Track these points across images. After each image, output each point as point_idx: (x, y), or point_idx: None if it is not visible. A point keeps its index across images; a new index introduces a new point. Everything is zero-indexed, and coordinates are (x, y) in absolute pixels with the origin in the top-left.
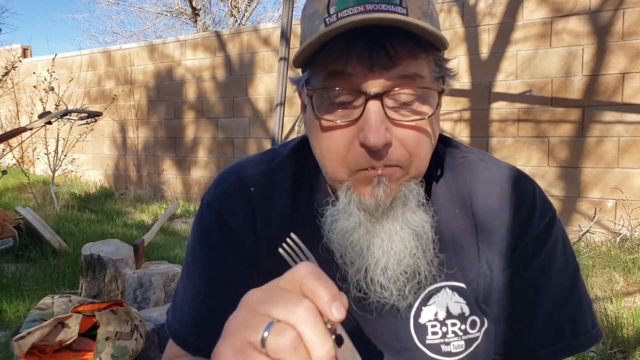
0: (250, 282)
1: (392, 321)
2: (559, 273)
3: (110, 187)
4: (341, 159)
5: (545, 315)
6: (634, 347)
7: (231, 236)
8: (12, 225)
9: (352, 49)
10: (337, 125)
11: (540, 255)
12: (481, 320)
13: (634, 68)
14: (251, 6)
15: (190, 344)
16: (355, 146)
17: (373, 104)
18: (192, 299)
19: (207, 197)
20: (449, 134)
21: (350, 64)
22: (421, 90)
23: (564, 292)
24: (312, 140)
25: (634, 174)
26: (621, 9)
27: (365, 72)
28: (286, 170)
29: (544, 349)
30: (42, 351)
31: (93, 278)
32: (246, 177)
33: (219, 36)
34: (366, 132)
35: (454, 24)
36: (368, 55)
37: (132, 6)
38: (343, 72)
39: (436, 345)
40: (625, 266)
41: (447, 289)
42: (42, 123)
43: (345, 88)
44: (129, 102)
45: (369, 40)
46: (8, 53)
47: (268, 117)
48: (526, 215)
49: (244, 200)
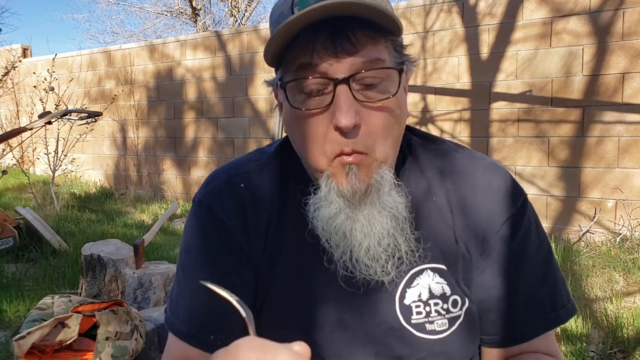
0: (243, 273)
1: (379, 301)
2: (535, 253)
3: (110, 187)
4: (320, 148)
5: (525, 294)
6: (634, 347)
7: (223, 230)
8: (12, 225)
9: (317, 41)
10: (312, 113)
11: (516, 237)
12: (462, 300)
13: (634, 68)
14: (251, 6)
15: (190, 336)
16: (331, 132)
17: (341, 88)
18: (187, 293)
19: (199, 196)
20: (449, 134)
21: (316, 54)
22: (384, 72)
23: (540, 271)
24: (292, 136)
25: (634, 174)
26: (621, 9)
27: (331, 60)
28: (273, 166)
29: (527, 325)
30: (42, 351)
31: (93, 278)
32: (236, 175)
33: (219, 36)
34: (337, 115)
35: (454, 24)
36: (332, 44)
37: (132, 6)
38: (311, 63)
39: (421, 325)
40: (625, 266)
41: (429, 270)
42: (42, 123)
43: (315, 77)
44: (129, 102)
45: (331, 31)
46: (8, 53)
47: (268, 117)
48: (499, 201)
49: (235, 196)
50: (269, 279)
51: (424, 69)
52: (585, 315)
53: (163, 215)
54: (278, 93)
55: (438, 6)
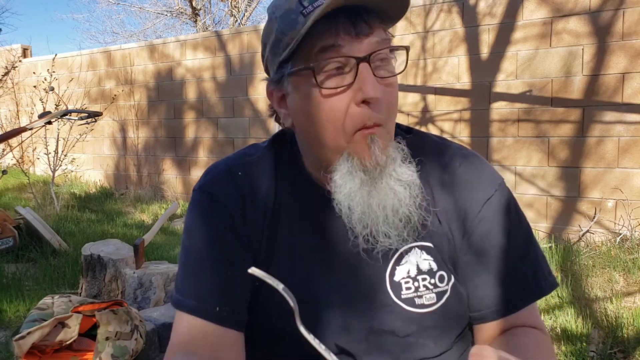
0: (243, 253)
1: (370, 280)
2: (516, 230)
3: (110, 187)
4: (340, 126)
5: (509, 268)
6: (634, 347)
7: (224, 213)
8: (12, 225)
9: (338, 24)
10: (334, 93)
11: (496, 217)
12: (448, 276)
13: (634, 68)
14: (251, 6)
15: (197, 309)
16: (352, 108)
17: (364, 65)
18: (192, 272)
19: (199, 184)
20: (449, 134)
21: (339, 36)
22: (397, 48)
23: (522, 246)
24: (306, 122)
25: (634, 174)
26: (621, 9)
27: (352, 40)
28: (268, 157)
29: (513, 296)
30: (42, 351)
31: (93, 278)
32: (234, 165)
33: (219, 36)
34: (365, 88)
35: (454, 24)
36: (352, 26)
37: (132, 6)
38: (334, 45)
39: (410, 299)
40: (625, 266)
41: (417, 248)
42: (42, 123)
43: (340, 56)
44: (129, 102)
45: (348, 16)
46: (8, 53)
47: (268, 117)
48: (478, 185)
49: (233, 184)
50: (267, 262)
51: (424, 69)
52: (585, 315)
53: (163, 215)
54: (278, 88)
55: (438, 6)
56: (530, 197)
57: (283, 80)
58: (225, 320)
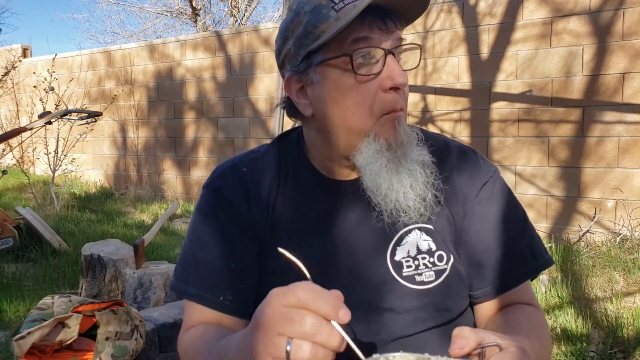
0: (245, 241)
1: (372, 259)
2: (513, 212)
3: (110, 187)
4: (369, 109)
5: (508, 247)
6: (634, 347)
7: (229, 206)
8: (12, 225)
9: (370, 19)
10: (364, 79)
11: (493, 198)
12: (447, 255)
13: (635, 68)
14: (251, 6)
15: (202, 298)
16: (379, 95)
17: (391, 57)
18: (197, 261)
19: (207, 182)
20: (449, 134)
21: (372, 30)
22: (412, 47)
23: (519, 226)
24: (334, 108)
25: (634, 174)
26: (621, 9)
27: (382, 34)
28: (273, 152)
29: (511, 272)
30: (42, 351)
31: (93, 278)
32: (239, 162)
33: (219, 36)
34: (394, 76)
35: (454, 24)
36: (382, 22)
37: (132, 6)
38: (367, 37)
39: (411, 277)
40: (625, 266)
41: (417, 230)
42: (42, 123)
43: (371, 47)
44: (129, 102)
45: (378, 13)
46: (8, 53)
47: (268, 117)
48: (474, 172)
49: (238, 179)
50: (270, 246)
51: (424, 69)
52: (585, 315)
53: (163, 215)
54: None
55: (438, 6)
56: (530, 197)
57: (308, 71)
58: (227, 309)
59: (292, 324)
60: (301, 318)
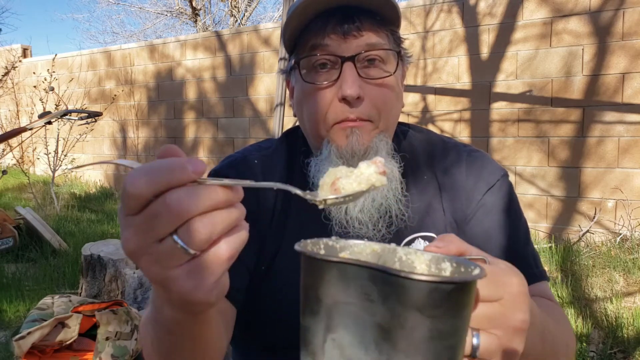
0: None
1: None
2: (518, 219)
3: (110, 187)
4: (323, 116)
5: (512, 251)
6: (634, 347)
7: None
8: (12, 225)
9: (328, 25)
10: (320, 87)
11: (498, 204)
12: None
13: (635, 68)
14: (251, 6)
15: None
16: (335, 103)
17: (347, 65)
18: None
19: (215, 168)
20: (449, 134)
21: (327, 36)
22: (384, 53)
23: (524, 233)
24: (301, 111)
25: (634, 174)
26: (621, 9)
27: (340, 41)
28: (282, 150)
29: None
30: (42, 351)
31: (93, 278)
32: (250, 155)
33: (219, 36)
34: (343, 86)
35: (454, 24)
36: (340, 28)
37: (132, 6)
38: (322, 43)
39: None
40: (625, 266)
41: (420, 239)
42: (42, 123)
43: (324, 54)
44: (129, 102)
45: (340, 17)
46: (8, 53)
47: (268, 117)
48: (480, 177)
49: (249, 168)
50: (277, 242)
51: (424, 69)
52: (585, 315)
53: None
54: (290, 80)
55: (438, 6)
56: (530, 197)
57: (292, 73)
58: None
59: (160, 225)
60: (166, 211)
